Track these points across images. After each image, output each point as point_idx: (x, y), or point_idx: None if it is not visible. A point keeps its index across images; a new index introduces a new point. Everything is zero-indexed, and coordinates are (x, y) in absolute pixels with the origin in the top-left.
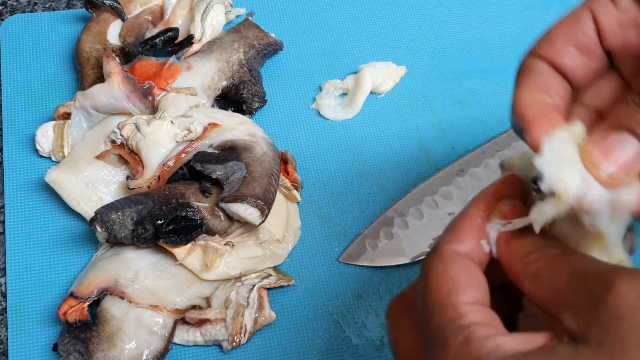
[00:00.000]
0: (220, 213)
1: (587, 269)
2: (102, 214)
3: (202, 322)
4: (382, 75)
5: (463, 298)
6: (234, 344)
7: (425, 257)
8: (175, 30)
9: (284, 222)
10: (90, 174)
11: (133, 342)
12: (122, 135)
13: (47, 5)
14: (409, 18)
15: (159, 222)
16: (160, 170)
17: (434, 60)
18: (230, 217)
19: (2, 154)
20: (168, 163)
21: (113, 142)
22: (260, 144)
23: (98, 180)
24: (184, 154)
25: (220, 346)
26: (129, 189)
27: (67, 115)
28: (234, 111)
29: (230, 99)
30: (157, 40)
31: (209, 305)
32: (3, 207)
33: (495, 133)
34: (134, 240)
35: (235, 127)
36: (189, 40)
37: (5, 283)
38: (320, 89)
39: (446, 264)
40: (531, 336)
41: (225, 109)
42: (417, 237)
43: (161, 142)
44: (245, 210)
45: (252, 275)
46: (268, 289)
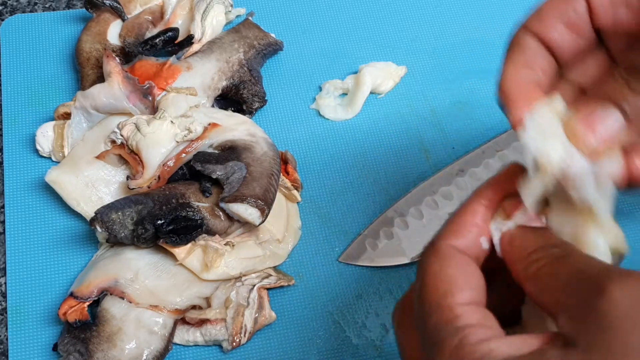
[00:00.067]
0: (220, 213)
1: (584, 272)
2: (102, 214)
3: (202, 322)
4: (382, 75)
5: (459, 299)
6: (234, 344)
7: (422, 252)
8: (175, 30)
9: (284, 222)
10: (90, 174)
11: (133, 342)
12: (122, 135)
13: (47, 5)
14: (409, 18)
15: (159, 222)
16: (160, 170)
17: (434, 60)
18: (230, 217)
19: (2, 154)
20: (168, 163)
21: (113, 142)
22: (260, 144)
23: (98, 180)
24: (184, 154)
25: (220, 346)
26: (129, 189)
27: (67, 115)
28: (234, 111)
29: (230, 99)
30: (157, 40)
31: (209, 305)
32: (3, 207)
33: (495, 133)
34: (134, 240)
35: (235, 127)
36: (189, 40)
37: (5, 283)
38: (320, 89)
39: (443, 262)
40: (525, 340)
41: (225, 109)
42: (417, 237)
43: (161, 142)
44: (245, 210)
45: (252, 275)
46: (268, 289)
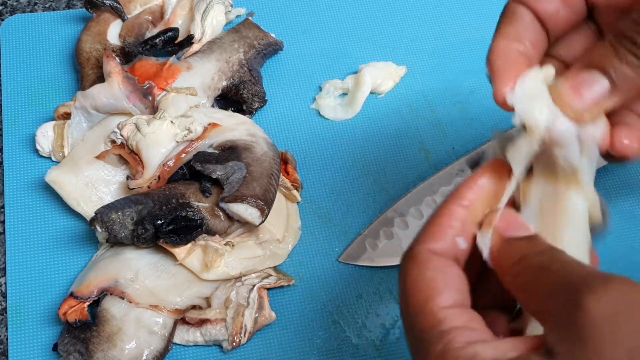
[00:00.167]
0: (220, 213)
1: (564, 281)
2: (102, 214)
3: (202, 322)
4: (382, 75)
5: (441, 302)
6: (234, 344)
7: (401, 257)
8: (175, 30)
9: (284, 222)
10: (90, 174)
11: (133, 342)
12: (122, 135)
13: (47, 5)
14: (409, 18)
15: (159, 222)
16: (160, 170)
17: (434, 60)
18: (230, 217)
19: (2, 154)
20: (168, 163)
21: (113, 142)
22: (260, 144)
23: (98, 180)
24: (184, 154)
25: (220, 346)
26: (129, 189)
27: (67, 115)
28: (234, 111)
29: (230, 99)
30: (157, 40)
31: (209, 305)
32: (3, 207)
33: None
34: (134, 240)
35: (235, 127)
36: (189, 40)
37: (5, 283)
38: (320, 89)
39: (421, 266)
40: (512, 344)
41: (225, 109)
42: None
43: (161, 142)
44: (245, 210)
45: (252, 275)
46: (268, 289)
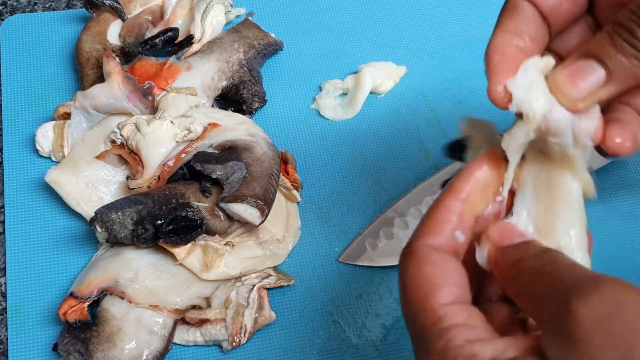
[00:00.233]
0: (220, 213)
1: (556, 286)
2: (102, 214)
3: (202, 322)
4: (382, 75)
5: (441, 299)
6: (234, 344)
7: (400, 254)
8: (175, 30)
9: (284, 222)
10: (90, 174)
11: (133, 342)
12: (122, 135)
13: (47, 5)
14: (409, 18)
15: (159, 222)
16: (160, 170)
17: (434, 60)
18: (230, 217)
19: (2, 154)
20: (168, 163)
21: (113, 142)
22: (260, 144)
23: (98, 180)
24: (184, 154)
25: (220, 346)
26: (129, 189)
27: (67, 115)
28: (234, 111)
29: (230, 99)
30: (157, 40)
31: (209, 305)
32: (3, 207)
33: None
34: (134, 240)
35: (235, 127)
36: (189, 40)
37: (5, 283)
38: (320, 89)
39: (420, 262)
40: (510, 344)
41: (225, 109)
42: None
43: (161, 142)
44: (245, 210)
45: (252, 275)
46: (268, 289)
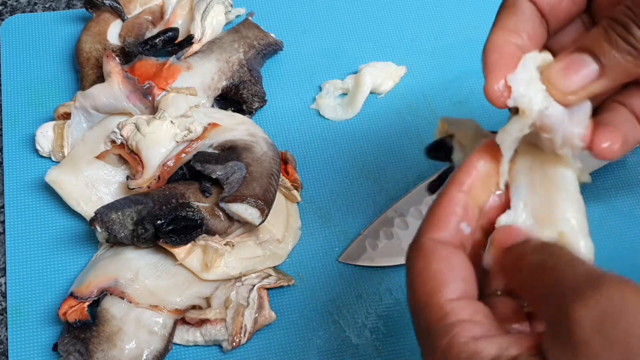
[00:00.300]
0: (220, 213)
1: (556, 287)
2: (102, 214)
3: (202, 322)
4: (382, 75)
5: (447, 294)
6: (234, 344)
7: (407, 250)
8: (175, 30)
9: (284, 222)
10: (90, 174)
11: (133, 342)
12: (122, 135)
13: (47, 5)
14: (409, 18)
15: (159, 222)
16: (160, 170)
17: (434, 60)
18: (230, 217)
19: (2, 154)
20: (168, 163)
21: (113, 142)
22: (260, 144)
23: (98, 180)
24: (184, 154)
25: (220, 346)
26: (129, 189)
27: (67, 115)
28: (234, 111)
29: (230, 99)
30: (157, 40)
31: (209, 305)
32: (3, 207)
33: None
34: (134, 240)
35: (235, 127)
36: (189, 40)
37: (5, 283)
38: (320, 89)
39: (427, 258)
40: (514, 340)
41: (225, 109)
42: None
43: (161, 142)
44: (245, 210)
45: (252, 275)
46: (268, 289)
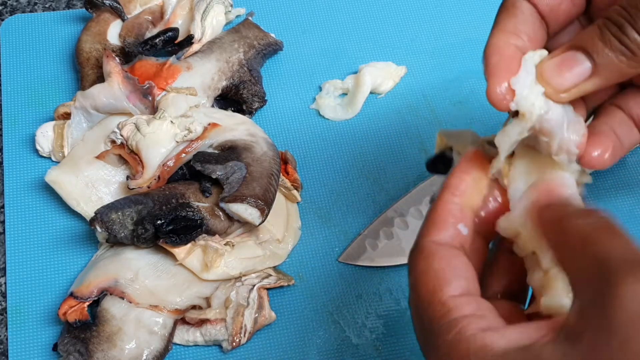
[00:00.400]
0: (220, 213)
1: (605, 264)
2: (102, 214)
3: (202, 322)
4: (382, 75)
5: (450, 291)
6: (234, 344)
7: (409, 253)
8: (175, 30)
9: (284, 222)
10: (90, 174)
11: (133, 342)
12: (122, 135)
13: (47, 5)
14: (409, 18)
15: (159, 222)
16: (160, 170)
17: (434, 60)
18: (230, 217)
19: (2, 154)
20: (168, 163)
21: (113, 142)
22: (260, 144)
23: (98, 180)
24: (184, 154)
25: (220, 346)
26: (129, 189)
27: (67, 115)
28: (234, 111)
29: (230, 99)
30: (157, 40)
31: (209, 305)
32: (3, 207)
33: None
34: (134, 240)
35: (235, 127)
36: (189, 40)
37: (5, 283)
38: (320, 89)
39: (428, 258)
40: (524, 331)
41: (225, 109)
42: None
43: (161, 142)
44: (245, 210)
45: (252, 275)
46: (268, 289)
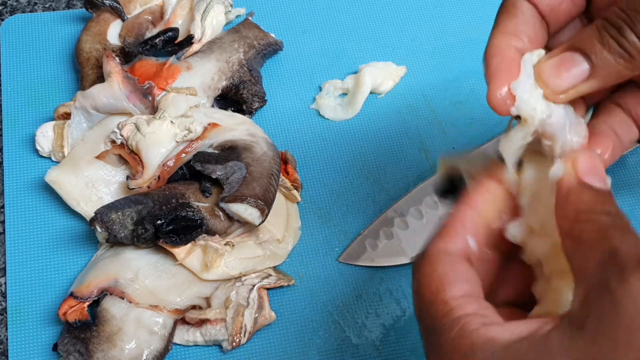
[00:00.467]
0: (220, 213)
1: (618, 254)
2: (102, 214)
3: (202, 322)
4: (382, 75)
5: (452, 292)
6: (234, 344)
7: (415, 259)
8: (175, 30)
9: (284, 222)
10: (90, 174)
11: (133, 342)
12: (122, 135)
13: (47, 5)
14: (409, 18)
15: (159, 222)
16: (160, 170)
17: (434, 60)
18: (230, 217)
19: (2, 154)
20: (168, 163)
21: (113, 142)
22: (260, 144)
23: (98, 180)
24: (184, 154)
25: (220, 346)
26: (129, 189)
27: (67, 115)
28: (234, 111)
29: (230, 99)
30: (157, 40)
31: (209, 305)
32: (3, 207)
33: (495, 133)
34: (134, 240)
35: (235, 127)
36: (189, 40)
37: (5, 283)
38: (320, 89)
39: (432, 264)
40: (526, 324)
41: (225, 109)
42: (417, 237)
43: (161, 142)
44: (245, 210)
45: (252, 275)
46: (268, 289)
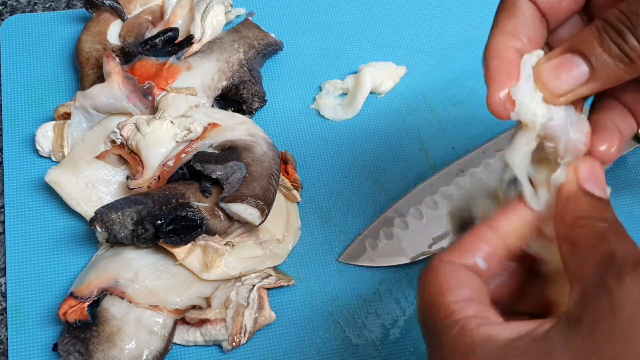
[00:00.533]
0: (220, 213)
1: (615, 256)
2: (102, 214)
3: (202, 322)
4: (382, 75)
5: (453, 297)
6: (234, 344)
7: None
8: (175, 30)
9: (284, 222)
10: (90, 174)
11: (133, 342)
12: (122, 135)
13: (47, 5)
14: (409, 18)
15: (159, 222)
16: (160, 170)
17: (434, 60)
18: (230, 217)
19: (2, 154)
20: (168, 163)
21: (113, 142)
22: (260, 144)
23: (98, 180)
24: (184, 154)
25: (220, 346)
26: (129, 189)
27: (67, 115)
28: (234, 111)
29: (230, 99)
30: (157, 40)
31: (209, 305)
32: (3, 207)
33: (495, 133)
34: (134, 240)
35: (235, 127)
36: (189, 40)
37: (5, 283)
38: (320, 89)
39: (436, 272)
40: (526, 322)
41: (225, 109)
42: (417, 237)
43: (161, 142)
44: (245, 210)
45: (252, 275)
46: (268, 289)
